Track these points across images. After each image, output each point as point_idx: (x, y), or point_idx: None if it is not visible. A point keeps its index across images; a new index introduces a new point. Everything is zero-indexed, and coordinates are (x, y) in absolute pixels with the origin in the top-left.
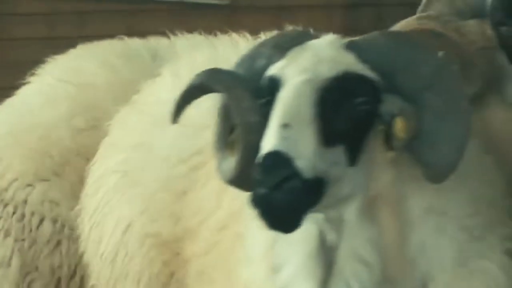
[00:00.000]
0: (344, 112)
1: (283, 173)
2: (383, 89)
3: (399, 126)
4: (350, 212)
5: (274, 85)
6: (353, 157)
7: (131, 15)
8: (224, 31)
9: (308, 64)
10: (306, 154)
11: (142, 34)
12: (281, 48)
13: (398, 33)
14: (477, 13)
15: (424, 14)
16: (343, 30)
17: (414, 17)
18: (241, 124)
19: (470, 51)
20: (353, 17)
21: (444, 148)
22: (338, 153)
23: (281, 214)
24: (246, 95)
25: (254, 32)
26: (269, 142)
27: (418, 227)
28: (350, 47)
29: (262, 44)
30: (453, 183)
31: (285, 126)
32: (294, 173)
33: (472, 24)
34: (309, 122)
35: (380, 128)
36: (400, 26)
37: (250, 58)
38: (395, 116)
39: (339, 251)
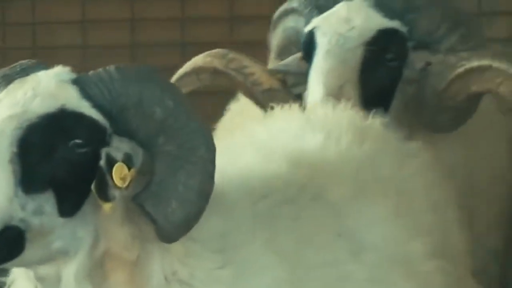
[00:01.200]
0: (55, 154)
1: None
2: (111, 131)
3: (119, 174)
4: (68, 272)
5: None
6: (68, 206)
7: None
8: None
9: (22, 98)
10: None
11: None
12: (8, 78)
13: (130, 69)
14: None
15: (213, 51)
16: None
17: (203, 54)
18: None
19: (253, 91)
20: None
21: (174, 204)
22: (45, 200)
23: None
24: None
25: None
26: None
27: None
28: (76, 81)
29: None
30: (204, 245)
31: None
32: None
33: (260, 68)
34: (4, 164)
35: (100, 173)
36: (189, 64)
37: None
38: (117, 162)
39: None
